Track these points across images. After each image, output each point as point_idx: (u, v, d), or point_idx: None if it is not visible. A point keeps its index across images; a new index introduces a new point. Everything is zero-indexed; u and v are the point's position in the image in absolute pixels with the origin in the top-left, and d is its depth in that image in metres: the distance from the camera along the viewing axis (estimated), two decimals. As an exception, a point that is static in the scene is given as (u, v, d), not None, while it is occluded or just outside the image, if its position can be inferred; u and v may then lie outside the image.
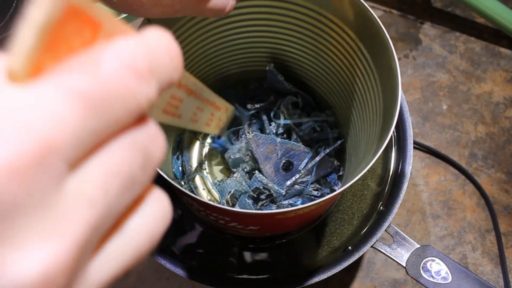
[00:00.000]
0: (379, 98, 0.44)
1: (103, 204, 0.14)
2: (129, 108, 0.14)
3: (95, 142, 0.14)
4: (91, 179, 0.14)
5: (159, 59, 0.15)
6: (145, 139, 0.15)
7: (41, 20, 0.13)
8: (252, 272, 0.53)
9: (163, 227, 0.17)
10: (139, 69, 0.15)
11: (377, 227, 0.51)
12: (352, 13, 0.44)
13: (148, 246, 0.16)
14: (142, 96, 0.15)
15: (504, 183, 0.68)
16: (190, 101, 0.25)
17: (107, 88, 0.14)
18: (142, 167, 0.15)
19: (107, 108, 0.14)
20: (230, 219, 0.43)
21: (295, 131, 0.58)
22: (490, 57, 0.76)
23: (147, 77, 0.15)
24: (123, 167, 0.14)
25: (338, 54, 0.49)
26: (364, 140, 0.48)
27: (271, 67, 0.57)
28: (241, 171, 0.55)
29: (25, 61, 0.13)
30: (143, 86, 0.15)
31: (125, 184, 0.14)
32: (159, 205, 0.17)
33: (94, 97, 0.13)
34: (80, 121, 0.13)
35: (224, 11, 0.37)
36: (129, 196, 0.15)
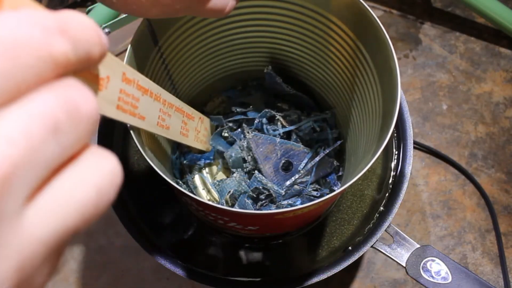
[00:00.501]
0: (379, 98, 0.44)
1: (25, 145, 0.14)
2: (41, 58, 0.15)
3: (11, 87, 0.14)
4: (10, 120, 0.14)
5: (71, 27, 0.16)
6: (68, 89, 0.15)
7: None
8: (252, 272, 0.53)
9: (110, 183, 0.16)
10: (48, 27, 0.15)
11: (377, 227, 0.51)
12: (352, 13, 0.44)
13: (95, 202, 0.16)
14: (53, 49, 0.15)
15: (504, 183, 0.68)
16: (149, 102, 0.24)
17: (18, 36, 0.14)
18: (67, 113, 0.15)
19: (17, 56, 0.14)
20: (229, 219, 0.42)
21: (295, 132, 0.58)
22: (490, 57, 0.76)
23: (57, 35, 0.15)
24: (45, 110, 0.14)
25: (338, 54, 0.49)
26: (363, 140, 0.48)
27: (269, 70, 0.57)
28: (241, 171, 0.55)
29: None
30: (53, 40, 0.15)
31: (49, 127, 0.14)
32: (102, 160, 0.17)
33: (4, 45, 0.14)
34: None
35: (224, 11, 0.37)
36: (59, 144, 0.15)
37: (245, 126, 0.57)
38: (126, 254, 0.63)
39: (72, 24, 0.16)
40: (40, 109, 0.14)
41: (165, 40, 0.46)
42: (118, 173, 0.17)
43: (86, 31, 0.16)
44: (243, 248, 0.55)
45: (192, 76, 0.54)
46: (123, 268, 0.63)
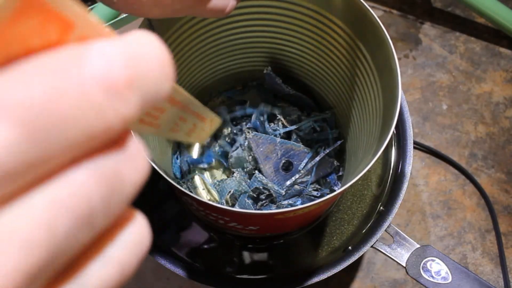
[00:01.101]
0: (379, 98, 0.44)
1: (48, 245, 0.11)
2: (91, 131, 0.11)
3: (40, 172, 0.11)
4: (30, 216, 0.11)
5: (143, 69, 0.12)
6: (116, 165, 0.13)
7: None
8: (252, 272, 0.53)
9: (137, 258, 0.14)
10: (113, 82, 0.11)
11: (377, 227, 0.51)
12: (352, 13, 0.44)
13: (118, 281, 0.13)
14: (114, 116, 0.12)
15: (504, 183, 0.68)
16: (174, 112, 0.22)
17: (62, 108, 0.11)
18: (107, 198, 0.12)
19: (58, 133, 0.11)
20: (230, 219, 0.43)
21: (295, 132, 0.58)
22: (490, 57, 0.76)
23: (124, 93, 0.12)
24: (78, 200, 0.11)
25: (338, 54, 0.49)
26: (364, 140, 0.48)
27: (269, 70, 0.57)
28: (241, 171, 0.55)
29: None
30: (117, 104, 0.12)
31: (81, 220, 0.12)
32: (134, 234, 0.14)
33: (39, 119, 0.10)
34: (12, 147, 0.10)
35: (224, 11, 0.37)
36: (88, 233, 0.12)
37: (245, 126, 0.57)
38: (126, 254, 0.63)
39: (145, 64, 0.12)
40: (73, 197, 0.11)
41: (165, 40, 0.46)
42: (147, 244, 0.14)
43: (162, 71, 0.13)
44: (243, 248, 0.55)
45: (193, 76, 0.54)
46: (123, 268, 0.62)
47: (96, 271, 0.13)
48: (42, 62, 0.11)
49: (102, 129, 0.12)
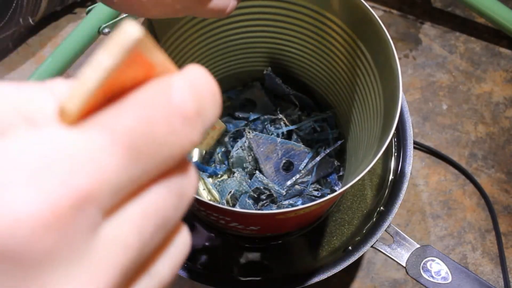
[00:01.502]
0: (380, 98, 0.44)
1: (137, 246, 0.14)
2: (173, 154, 0.14)
3: (135, 188, 0.14)
4: (127, 223, 0.13)
5: (206, 100, 0.15)
6: (182, 181, 0.15)
7: (108, 66, 0.13)
8: (252, 272, 0.53)
9: (183, 260, 0.17)
10: (188, 113, 0.14)
11: (377, 227, 0.51)
12: (353, 13, 0.44)
13: (170, 280, 0.16)
14: (187, 141, 0.14)
15: (504, 183, 0.68)
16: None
17: (155, 134, 0.13)
18: (176, 208, 0.15)
19: (150, 155, 0.13)
20: (231, 219, 0.42)
21: (295, 131, 0.58)
22: (490, 57, 0.76)
23: (194, 121, 0.14)
24: (159, 210, 0.14)
25: (338, 54, 0.49)
26: (364, 141, 0.48)
27: (269, 71, 0.57)
28: (242, 171, 0.55)
29: (82, 104, 0.13)
30: (190, 131, 0.14)
31: (159, 225, 0.14)
32: (184, 241, 0.17)
33: (139, 144, 0.13)
34: (121, 169, 0.13)
35: (225, 11, 0.37)
36: (161, 236, 0.15)
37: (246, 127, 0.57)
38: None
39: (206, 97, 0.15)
40: (156, 209, 0.14)
41: (166, 40, 0.46)
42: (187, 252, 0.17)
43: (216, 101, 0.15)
44: (244, 248, 0.55)
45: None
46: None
47: (161, 266, 0.15)
48: (138, 99, 0.14)
49: (179, 152, 0.14)
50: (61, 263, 0.12)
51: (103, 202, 0.13)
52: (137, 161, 0.13)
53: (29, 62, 0.74)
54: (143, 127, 0.13)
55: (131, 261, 0.13)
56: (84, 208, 0.12)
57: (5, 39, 0.69)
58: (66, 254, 0.12)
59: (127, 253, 0.13)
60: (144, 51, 0.13)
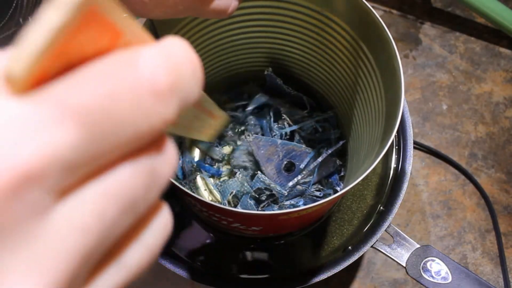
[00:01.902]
0: (382, 98, 0.44)
1: (97, 230, 0.12)
2: (139, 133, 0.13)
3: (94, 167, 0.12)
4: (85, 205, 0.12)
5: (182, 75, 0.13)
6: (156, 162, 0.14)
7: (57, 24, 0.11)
8: (253, 272, 0.53)
9: (162, 243, 0.15)
10: (159, 87, 0.13)
11: (377, 227, 0.51)
12: (354, 13, 0.44)
13: (146, 266, 0.15)
14: (158, 119, 0.13)
15: (504, 183, 0.68)
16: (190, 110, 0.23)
17: (118, 111, 0.12)
18: (147, 188, 0.14)
19: (112, 133, 0.12)
20: (234, 220, 0.42)
21: (298, 132, 0.58)
22: (490, 57, 0.76)
23: (167, 97, 0.13)
24: (125, 190, 0.13)
25: (340, 55, 0.49)
26: (366, 141, 0.48)
27: (270, 71, 0.57)
28: (243, 171, 0.55)
29: (28, 67, 0.11)
30: (161, 107, 0.13)
31: (126, 207, 0.13)
32: (162, 223, 0.15)
33: (96, 119, 0.12)
34: (74, 146, 0.11)
35: (226, 12, 0.37)
36: (129, 220, 0.13)
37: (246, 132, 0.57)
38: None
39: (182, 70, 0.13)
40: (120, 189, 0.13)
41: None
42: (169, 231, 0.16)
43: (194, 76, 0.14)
44: (244, 249, 0.55)
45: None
46: (123, 268, 0.62)
47: (133, 254, 0.14)
48: (99, 69, 0.12)
49: (148, 130, 0.13)
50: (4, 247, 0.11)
51: (52, 182, 0.11)
52: (95, 138, 0.12)
53: (29, 61, 0.74)
54: (102, 101, 0.12)
55: (91, 246, 0.12)
56: (26, 188, 0.11)
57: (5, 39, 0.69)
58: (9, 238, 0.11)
59: (85, 237, 0.12)
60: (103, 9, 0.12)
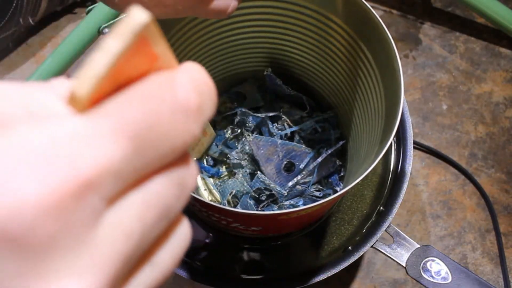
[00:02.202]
0: (381, 98, 0.44)
1: (139, 234, 0.14)
2: (175, 147, 0.15)
3: (137, 177, 0.14)
4: (129, 211, 0.14)
5: (205, 97, 0.15)
6: (183, 173, 0.16)
7: (117, 51, 0.13)
8: (253, 272, 0.53)
9: (184, 251, 0.17)
10: (190, 107, 0.15)
11: (377, 227, 0.51)
12: (354, 13, 0.44)
13: (171, 270, 0.16)
14: (189, 135, 0.15)
15: (504, 183, 0.68)
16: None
17: (159, 127, 0.14)
18: (177, 198, 0.15)
19: (153, 147, 0.14)
20: (233, 220, 0.42)
21: (298, 132, 0.58)
22: (490, 57, 0.76)
23: (196, 116, 0.15)
24: (161, 199, 0.14)
25: (340, 55, 0.49)
26: (366, 141, 0.48)
27: (269, 72, 0.57)
28: (243, 171, 0.55)
29: (91, 88, 0.13)
30: (191, 124, 0.15)
31: (161, 215, 0.15)
32: (185, 232, 0.17)
33: (142, 135, 0.13)
34: (125, 158, 0.13)
35: (226, 12, 0.37)
36: (163, 226, 0.15)
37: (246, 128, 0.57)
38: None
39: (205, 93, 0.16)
40: (158, 199, 0.14)
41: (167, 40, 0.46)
42: (190, 238, 0.17)
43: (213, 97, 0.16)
44: (244, 249, 0.55)
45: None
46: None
47: (163, 256, 0.16)
48: (143, 90, 0.14)
49: (181, 145, 0.15)
50: (62, 249, 0.12)
51: (106, 190, 0.13)
52: (140, 151, 0.13)
53: (29, 62, 0.74)
54: (148, 119, 0.14)
55: (133, 249, 0.14)
56: (86, 195, 0.12)
57: (5, 39, 0.69)
58: (68, 240, 0.12)
59: (129, 241, 0.13)
60: (150, 38, 0.14)
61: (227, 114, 0.59)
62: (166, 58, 0.15)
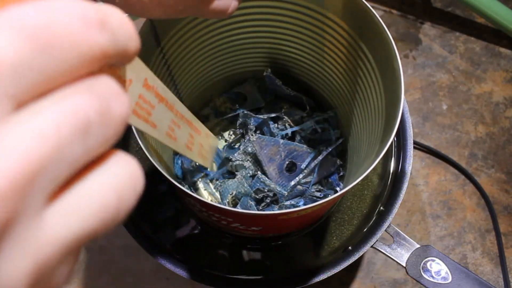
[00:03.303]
0: (381, 98, 0.44)
1: (54, 141, 0.13)
2: (80, 51, 0.14)
3: (45, 81, 0.13)
4: (42, 114, 0.13)
5: (111, 20, 0.15)
6: (103, 88, 0.15)
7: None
8: (253, 272, 0.53)
9: (132, 189, 0.16)
10: (89, 18, 0.14)
11: (377, 227, 0.51)
12: (353, 12, 0.44)
13: (116, 207, 0.15)
14: (93, 43, 0.14)
15: (504, 183, 0.68)
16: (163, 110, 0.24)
17: (57, 27, 0.13)
18: (99, 114, 0.14)
19: (56, 47, 0.13)
20: (233, 220, 0.42)
21: (298, 132, 0.58)
22: (490, 57, 0.76)
23: (97, 27, 0.15)
24: (78, 109, 0.14)
25: (340, 55, 0.49)
26: (366, 141, 0.48)
27: (269, 73, 0.57)
28: (243, 171, 0.55)
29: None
30: (93, 33, 0.14)
31: (80, 127, 0.14)
32: (125, 165, 0.16)
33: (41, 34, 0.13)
34: (23, 54, 0.13)
35: (226, 12, 0.37)
36: (86, 145, 0.14)
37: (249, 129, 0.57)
38: (126, 254, 0.63)
39: (112, 17, 0.15)
40: (74, 107, 0.14)
41: (167, 40, 0.46)
42: (140, 179, 0.16)
43: (124, 25, 0.16)
44: (244, 249, 0.55)
45: (194, 77, 0.54)
46: (123, 268, 0.62)
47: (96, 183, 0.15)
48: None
49: (88, 51, 0.14)
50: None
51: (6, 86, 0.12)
52: (41, 50, 0.13)
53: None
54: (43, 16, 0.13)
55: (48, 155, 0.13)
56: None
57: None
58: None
59: (43, 145, 0.13)
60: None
61: (229, 116, 0.59)
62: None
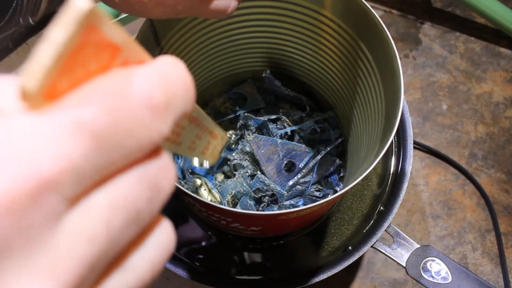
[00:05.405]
0: (381, 98, 0.44)
1: (104, 239, 0.13)
2: (140, 145, 0.14)
3: (100, 177, 0.13)
4: (93, 214, 0.13)
5: (176, 92, 0.15)
6: (155, 173, 0.15)
7: (61, 40, 0.12)
8: (253, 272, 0.53)
9: (166, 257, 0.16)
10: (156, 104, 0.14)
11: (377, 227, 0.51)
12: (353, 13, 0.44)
13: (150, 277, 0.15)
14: (156, 133, 0.14)
15: (504, 183, 0.68)
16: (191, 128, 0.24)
17: (120, 124, 0.13)
18: (149, 200, 0.14)
19: (116, 144, 0.13)
20: (233, 220, 0.42)
21: (298, 132, 0.58)
22: (490, 57, 0.76)
23: (163, 113, 0.14)
24: (129, 201, 0.14)
25: (339, 54, 0.49)
26: (365, 141, 0.48)
27: (268, 74, 0.57)
28: (242, 171, 0.55)
29: (40, 82, 0.12)
30: (158, 122, 0.14)
31: (130, 218, 0.14)
32: (164, 236, 0.16)
33: (104, 133, 0.13)
34: (85, 156, 0.12)
35: (226, 12, 0.37)
36: (134, 230, 0.14)
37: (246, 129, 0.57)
38: (126, 253, 0.63)
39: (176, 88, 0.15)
40: (125, 201, 0.14)
41: (167, 40, 0.46)
42: (174, 246, 0.16)
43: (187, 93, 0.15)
44: (244, 249, 0.55)
45: (194, 77, 0.54)
46: (123, 268, 0.62)
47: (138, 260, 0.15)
48: (101, 86, 0.13)
49: (147, 142, 0.14)
50: (18, 252, 0.12)
51: (66, 190, 0.12)
52: (102, 149, 0.13)
53: (29, 61, 0.74)
54: (108, 115, 0.13)
55: (99, 255, 0.13)
56: (44, 195, 0.12)
57: (5, 39, 0.69)
58: (24, 243, 0.12)
59: (93, 246, 0.13)
60: (100, 25, 0.13)
61: (229, 117, 0.59)
62: (132, 51, 0.14)
